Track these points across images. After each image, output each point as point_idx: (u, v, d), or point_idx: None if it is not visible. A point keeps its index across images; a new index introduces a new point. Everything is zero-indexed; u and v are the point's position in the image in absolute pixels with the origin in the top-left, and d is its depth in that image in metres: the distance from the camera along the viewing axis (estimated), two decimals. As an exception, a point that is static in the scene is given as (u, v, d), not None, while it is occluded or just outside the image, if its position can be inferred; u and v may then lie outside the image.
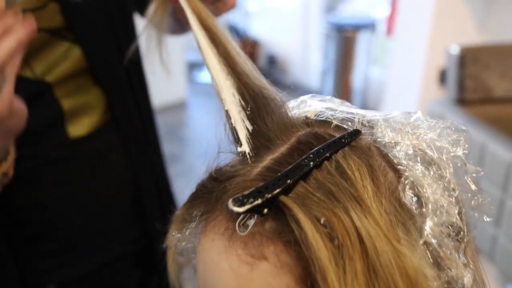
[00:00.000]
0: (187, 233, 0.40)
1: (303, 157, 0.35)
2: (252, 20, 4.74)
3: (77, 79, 0.73)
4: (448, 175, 0.36)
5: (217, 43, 0.46)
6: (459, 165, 0.39)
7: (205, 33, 0.47)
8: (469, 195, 0.37)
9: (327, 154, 0.35)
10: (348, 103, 0.44)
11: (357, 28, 3.31)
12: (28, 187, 0.72)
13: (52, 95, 0.71)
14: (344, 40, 3.34)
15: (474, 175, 0.39)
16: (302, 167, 0.34)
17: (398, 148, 0.36)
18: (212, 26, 0.48)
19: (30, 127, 0.66)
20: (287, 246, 0.33)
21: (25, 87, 0.66)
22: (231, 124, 0.41)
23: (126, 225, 0.84)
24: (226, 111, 0.41)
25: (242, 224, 0.34)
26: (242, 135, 0.40)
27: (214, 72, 0.44)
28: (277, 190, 0.33)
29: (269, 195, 0.32)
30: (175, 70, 3.58)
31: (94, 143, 0.76)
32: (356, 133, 0.37)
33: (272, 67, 4.28)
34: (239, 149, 0.40)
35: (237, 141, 0.40)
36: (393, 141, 0.37)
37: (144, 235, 0.86)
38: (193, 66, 4.39)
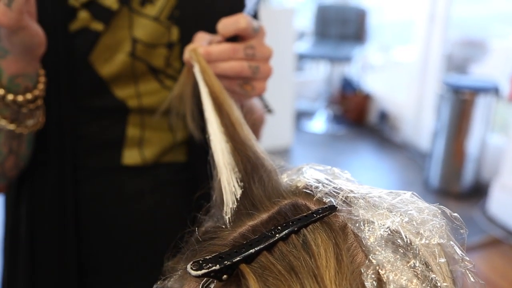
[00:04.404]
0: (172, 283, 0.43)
1: (271, 228, 0.37)
2: (367, 74, 4.72)
3: (152, 116, 0.76)
4: (419, 261, 0.35)
5: (222, 114, 0.51)
6: (455, 256, 0.37)
7: (213, 104, 0.52)
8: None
9: (295, 228, 0.36)
10: (348, 176, 0.44)
11: (476, 91, 3.12)
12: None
13: (124, 119, 0.76)
14: (460, 102, 3.16)
15: (461, 268, 0.37)
16: (267, 238, 0.36)
17: (369, 229, 0.36)
18: (222, 99, 0.53)
19: (90, 140, 0.73)
20: None
21: (109, 101, 0.74)
22: (221, 185, 0.44)
23: (145, 267, 0.81)
24: (218, 171, 0.45)
25: (206, 287, 0.37)
26: (228, 198, 0.42)
27: (215, 138, 0.48)
28: (238, 258, 0.34)
29: (228, 262, 0.34)
30: (283, 117, 3.68)
31: (137, 176, 0.78)
32: (331, 209, 0.38)
33: (383, 123, 4.19)
34: (223, 213, 0.42)
35: (224, 203, 0.43)
36: (366, 222, 0.37)
37: None
38: (302, 115, 4.46)
